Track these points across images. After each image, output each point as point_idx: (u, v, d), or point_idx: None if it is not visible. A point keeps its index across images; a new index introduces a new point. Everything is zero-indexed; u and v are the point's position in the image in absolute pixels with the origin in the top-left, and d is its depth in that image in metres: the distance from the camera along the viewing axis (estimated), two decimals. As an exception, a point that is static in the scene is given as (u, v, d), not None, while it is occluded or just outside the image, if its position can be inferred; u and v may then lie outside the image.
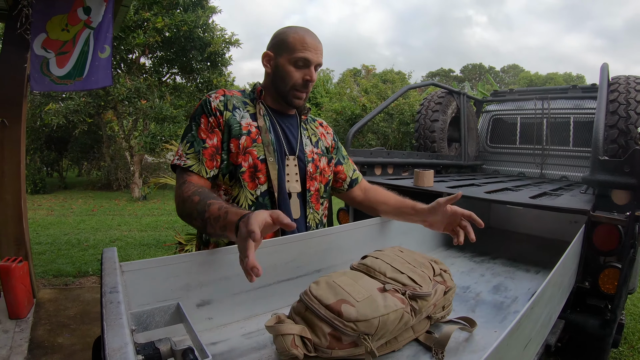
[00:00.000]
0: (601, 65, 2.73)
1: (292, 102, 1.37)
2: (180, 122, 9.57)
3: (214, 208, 1.06)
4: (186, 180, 1.23)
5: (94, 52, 3.21)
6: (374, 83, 15.66)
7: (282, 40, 1.34)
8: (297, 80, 1.33)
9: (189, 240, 4.42)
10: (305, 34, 1.33)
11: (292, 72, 1.33)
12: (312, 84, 1.37)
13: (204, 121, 1.28)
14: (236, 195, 1.30)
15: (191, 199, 1.14)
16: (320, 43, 1.36)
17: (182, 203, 1.17)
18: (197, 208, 1.10)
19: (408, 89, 3.80)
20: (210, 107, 1.29)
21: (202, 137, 1.27)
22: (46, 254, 5.08)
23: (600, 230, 1.84)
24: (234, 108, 1.32)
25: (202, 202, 1.10)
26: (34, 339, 2.84)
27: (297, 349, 0.87)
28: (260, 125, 1.33)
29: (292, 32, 1.33)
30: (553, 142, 4.41)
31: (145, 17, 9.00)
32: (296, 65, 1.32)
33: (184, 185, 1.20)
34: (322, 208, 1.49)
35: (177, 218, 7.80)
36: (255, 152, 1.29)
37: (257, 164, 1.30)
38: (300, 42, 1.31)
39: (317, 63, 1.34)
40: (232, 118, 1.30)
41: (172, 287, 1.03)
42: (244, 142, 1.29)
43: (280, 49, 1.34)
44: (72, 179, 13.99)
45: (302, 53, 1.30)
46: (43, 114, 9.19)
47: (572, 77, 32.18)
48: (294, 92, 1.35)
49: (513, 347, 0.83)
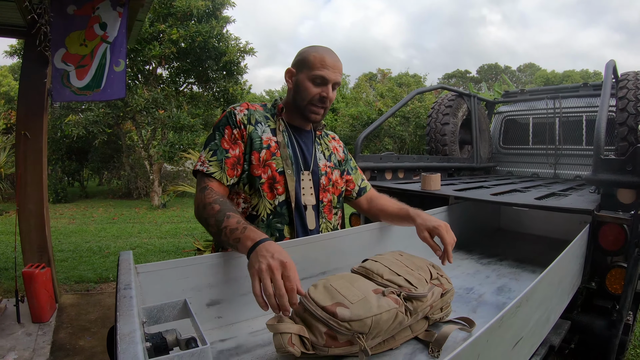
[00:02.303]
0: (607, 63, 2.72)
1: (310, 117, 1.45)
2: (197, 130, 9.75)
3: (232, 221, 1.12)
4: (207, 186, 1.29)
5: (110, 66, 3.33)
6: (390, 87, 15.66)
7: (304, 59, 1.42)
8: (315, 96, 1.41)
9: (207, 247, 4.50)
10: (325, 54, 1.40)
11: (310, 88, 1.40)
12: (330, 102, 1.44)
13: (227, 132, 1.36)
14: (255, 204, 1.38)
15: (211, 206, 1.20)
16: (340, 62, 1.44)
17: (202, 207, 1.23)
18: (216, 216, 1.17)
19: (416, 93, 3.83)
20: (235, 119, 1.38)
21: (225, 147, 1.35)
22: (68, 260, 5.23)
23: (606, 230, 1.84)
24: (256, 122, 1.41)
25: (222, 212, 1.16)
26: (56, 341, 2.95)
27: (293, 347, 0.93)
28: (279, 140, 1.42)
29: (313, 51, 1.41)
30: (566, 141, 4.39)
31: (161, 29, 9.20)
32: (314, 82, 1.40)
33: (206, 191, 1.26)
34: (335, 218, 1.57)
35: (196, 225, 7.94)
36: (274, 164, 1.38)
37: (276, 176, 1.38)
38: (319, 61, 1.38)
39: (334, 81, 1.42)
40: (254, 132, 1.39)
41: (184, 288, 1.11)
42: (264, 155, 1.37)
43: (301, 66, 1.43)
44: (93, 188, 14.31)
45: (320, 71, 1.38)
46: (63, 125, 9.46)
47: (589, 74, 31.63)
48: (310, 107, 1.43)
49: (497, 343, 0.87)
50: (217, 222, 1.15)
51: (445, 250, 1.34)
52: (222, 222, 1.14)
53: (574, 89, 4.51)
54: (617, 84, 3.41)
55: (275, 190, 1.38)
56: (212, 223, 1.17)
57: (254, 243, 1.03)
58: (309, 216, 1.45)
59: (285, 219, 1.40)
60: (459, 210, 2.33)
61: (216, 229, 1.15)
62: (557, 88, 4.66)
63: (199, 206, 1.25)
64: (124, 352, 0.60)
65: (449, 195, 2.37)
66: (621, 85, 3.36)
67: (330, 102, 1.44)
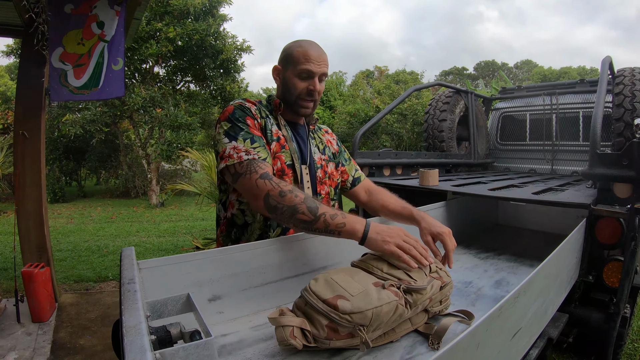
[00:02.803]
0: (603, 59, 2.74)
1: (300, 111, 1.47)
2: (195, 129, 9.76)
3: (327, 208, 1.20)
4: (267, 172, 1.26)
5: (108, 64, 3.33)
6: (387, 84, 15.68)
7: (288, 55, 1.43)
8: (302, 91, 1.42)
9: (205, 245, 4.51)
10: (309, 47, 1.41)
11: (297, 84, 1.41)
12: (319, 94, 1.45)
13: (250, 122, 1.36)
14: None
15: (293, 194, 1.20)
16: (325, 54, 1.45)
17: (279, 195, 1.20)
18: (306, 203, 1.18)
19: (414, 90, 3.85)
20: (252, 112, 1.39)
21: (259, 135, 1.35)
22: (67, 260, 5.23)
23: (603, 224, 1.86)
24: (265, 116, 1.43)
25: (310, 199, 1.20)
26: (56, 340, 2.96)
27: (295, 340, 0.94)
28: (284, 134, 1.44)
29: (297, 46, 1.42)
30: (563, 137, 4.41)
31: (158, 28, 9.21)
32: (300, 77, 1.41)
33: (272, 179, 1.24)
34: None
35: (194, 224, 7.94)
36: (283, 157, 1.41)
37: (285, 169, 1.40)
38: (303, 55, 1.39)
39: (320, 73, 1.42)
40: (266, 125, 1.41)
41: (185, 283, 1.12)
42: (274, 147, 1.40)
43: (286, 63, 1.44)
44: (91, 188, 14.26)
45: (305, 65, 1.39)
46: (60, 124, 9.45)
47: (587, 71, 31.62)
48: (300, 102, 1.44)
49: (496, 334, 0.88)
50: (310, 209, 1.17)
51: (447, 256, 1.36)
52: (316, 209, 1.18)
53: (570, 85, 4.54)
54: (614, 80, 3.43)
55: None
56: (302, 210, 1.17)
57: (365, 225, 1.18)
58: None
59: None
60: (457, 205, 2.35)
61: (311, 216, 1.17)
62: (554, 84, 4.69)
63: (272, 195, 1.20)
64: (130, 344, 0.61)
65: (447, 191, 2.39)
66: (617, 82, 3.39)
67: (319, 95, 1.45)
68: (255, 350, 1.06)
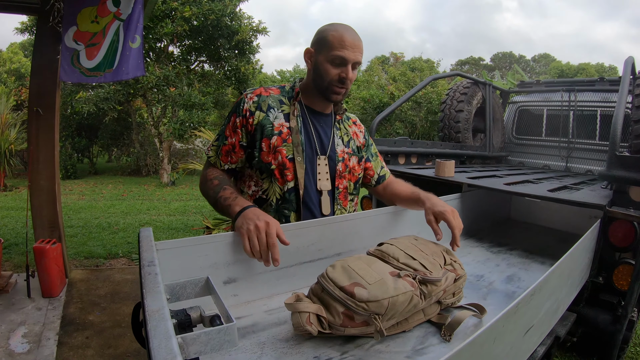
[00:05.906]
0: (625, 59, 2.69)
1: (330, 97, 1.42)
2: (208, 109, 9.78)
3: (227, 192, 1.31)
4: (210, 166, 1.47)
5: (124, 43, 3.28)
6: (402, 71, 15.45)
7: (323, 38, 1.37)
8: (334, 78, 1.37)
9: (216, 225, 4.53)
10: (345, 32, 1.35)
11: (330, 70, 1.36)
12: (350, 82, 1.40)
13: (232, 119, 1.42)
14: (266, 188, 1.41)
15: (212, 181, 1.39)
16: (360, 41, 1.38)
17: (203, 182, 1.43)
18: (214, 189, 1.35)
19: (432, 79, 3.81)
20: (242, 107, 1.40)
21: (226, 135, 1.43)
22: (78, 236, 5.30)
23: (616, 226, 1.86)
24: (268, 108, 1.40)
25: (220, 185, 1.35)
26: (66, 316, 3.01)
27: (311, 326, 0.95)
28: (292, 126, 1.40)
29: (332, 30, 1.36)
30: (579, 135, 4.36)
31: (173, 7, 9.15)
32: (333, 63, 1.35)
33: (208, 169, 1.46)
34: (351, 204, 1.56)
35: (204, 203, 7.95)
36: (284, 151, 1.38)
37: (286, 163, 1.37)
38: (338, 41, 1.34)
39: (354, 61, 1.36)
40: (265, 119, 1.38)
41: (201, 265, 1.14)
42: (274, 141, 1.37)
43: (320, 47, 1.38)
44: (102, 165, 14.38)
45: (339, 51, 1.33)
46: (74, 102, 9.47)
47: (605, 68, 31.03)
48: (331, 88, 1.39)
49: (511, 330, 0.89)
50: (215, 193, 1.33)
51: (452, 235, 1.34)
52: (218, 192, 1.32)
53: (590, 83, 4.46)
54: (634, 81, 3.37)
55: (285, 177, 1.38)
56: (211, 194, 1.35)
57: (241, 208, 1.21)
58: (324, 201, 1.44)
59: (292, 205, 1.40)
60: (472, 198, 2.34)
61: (213, 199, 1.33)
62: (573, 81, 4.62)
63: (202, 181, 1.44)
64: (154, 328, 0.62)
65: (462, 183, 2.38)
66: (638, 83, 3.33)
67: (350, 82, 1.40)
68: (269, 334, 1.07)
